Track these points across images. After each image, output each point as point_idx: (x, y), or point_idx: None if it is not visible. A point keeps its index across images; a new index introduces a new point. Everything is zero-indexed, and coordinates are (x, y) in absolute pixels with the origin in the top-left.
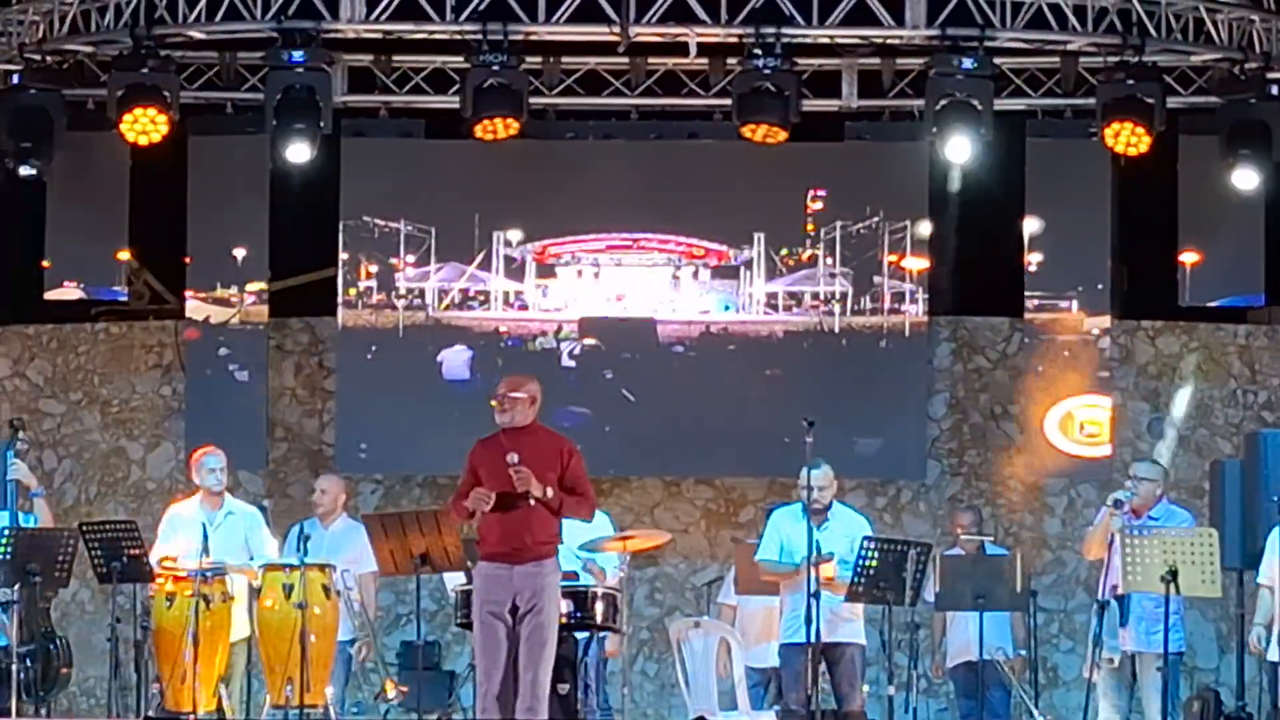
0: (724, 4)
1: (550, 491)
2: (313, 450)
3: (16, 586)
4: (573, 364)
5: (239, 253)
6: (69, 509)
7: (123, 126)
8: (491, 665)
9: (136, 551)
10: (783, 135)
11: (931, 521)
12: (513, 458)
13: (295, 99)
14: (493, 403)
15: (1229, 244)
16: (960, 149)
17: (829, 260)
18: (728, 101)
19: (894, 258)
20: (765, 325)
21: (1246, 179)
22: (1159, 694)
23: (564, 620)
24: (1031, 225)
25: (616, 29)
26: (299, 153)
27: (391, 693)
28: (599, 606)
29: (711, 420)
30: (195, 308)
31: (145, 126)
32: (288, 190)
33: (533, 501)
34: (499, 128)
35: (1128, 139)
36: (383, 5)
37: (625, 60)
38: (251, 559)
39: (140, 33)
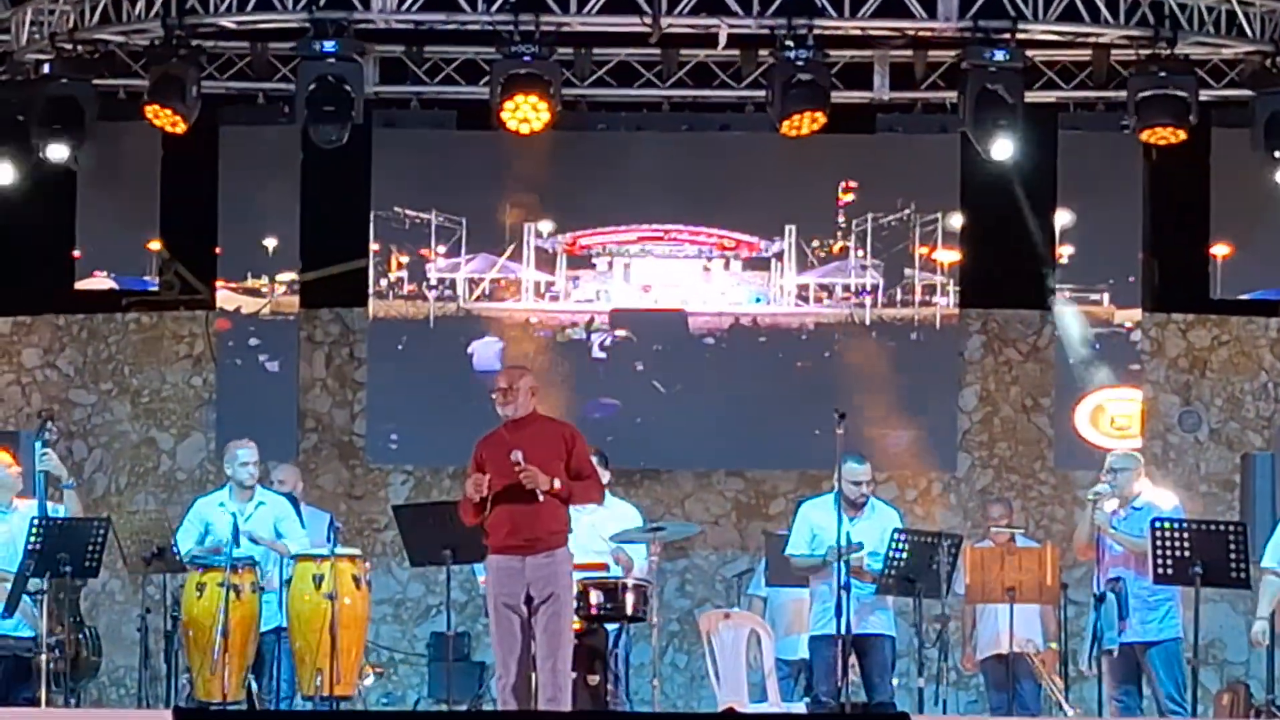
0: None
1: (558, 483)
2: (343, 441)
3: (46, 576)
4: (603, 355)
5: (270, 243)
6: (99, 499)
7: (149, 115)
8: (509, 656)
9: (167, 542)
10: (822, 119)
11: (962, 514)
12: (516, 456)
13: (326, 89)
14: (494, 395)
15: (1261, 237)
16: (1004, 148)
17: (860, 252)
18: (760, 93)
19: (925, 250)
20: (796, 317)
21: None
22: (1162, 682)
23: (594, 612)
24: (1063, 218)
25: (648, 20)
26: (331, 136)
27: (369, 678)
28: (629, 598)
29: (742, 412)
30: (226, 298)
31: (168, 120)
32: (319, 180)
33: (541, 497)
34: (527, 112)
35: (1163, 135)
36: None
37: (657, 51)
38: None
39: (171, 22)
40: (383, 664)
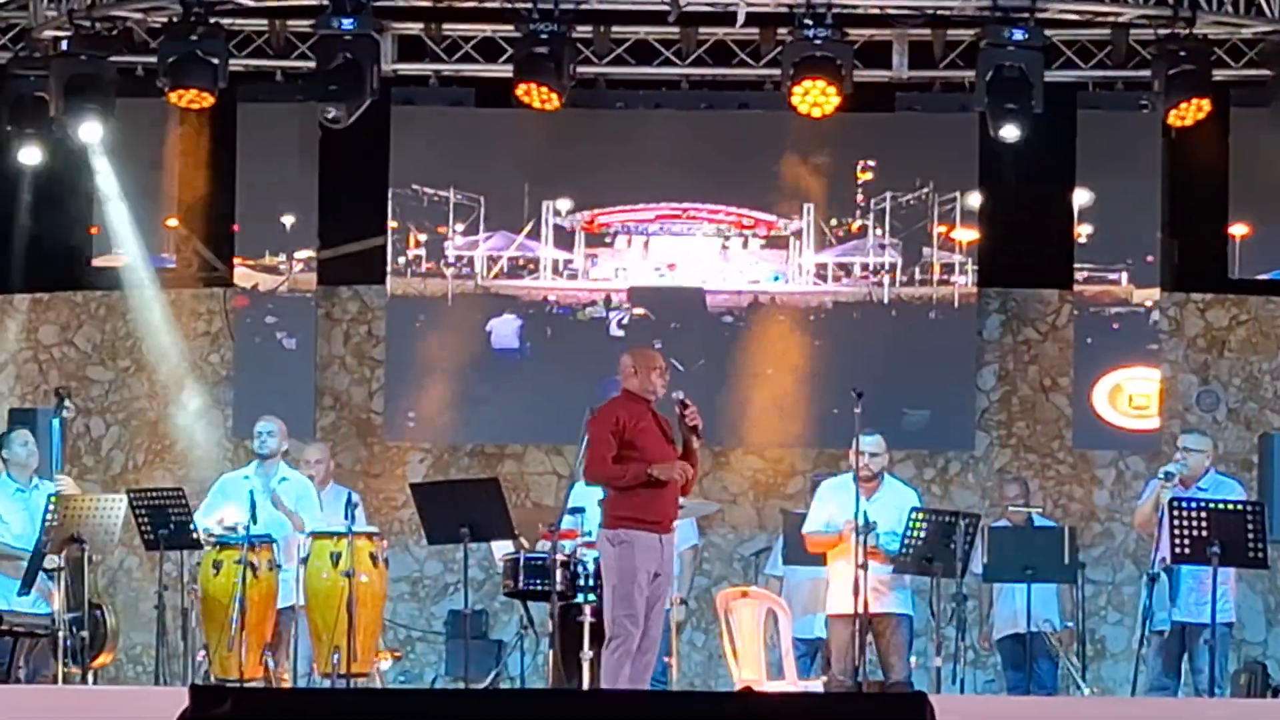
0: None
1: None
2: (361, 419)
3: (63, 553)
4: (621, 333)
5: (287, 220)
6: (116, 476)
7: (171, 97)
8: (635, 625)
9: (184, 519)
10: (835, 95)
11: (980, 493)
12: (681, 395)
13: (345, 66)
14: (662, 369)
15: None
16: (1012, 131)
17: (879, 231)
18: (778, 71)
19: (943, 229)
20: (814, 296)
21: None
22: (1208, 665)
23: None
24: (1081, 197)
25: None
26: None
27: (385, 664)
28: None
29: (760, 391)
30: (243, 275)
31: (193, 99)
32: (337, 158)
33: (696, 443)
34: (536, 97)
35: (1193, 114)
36: None
37: (675, 30)
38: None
39: (190, 0)
40: (399, 648)
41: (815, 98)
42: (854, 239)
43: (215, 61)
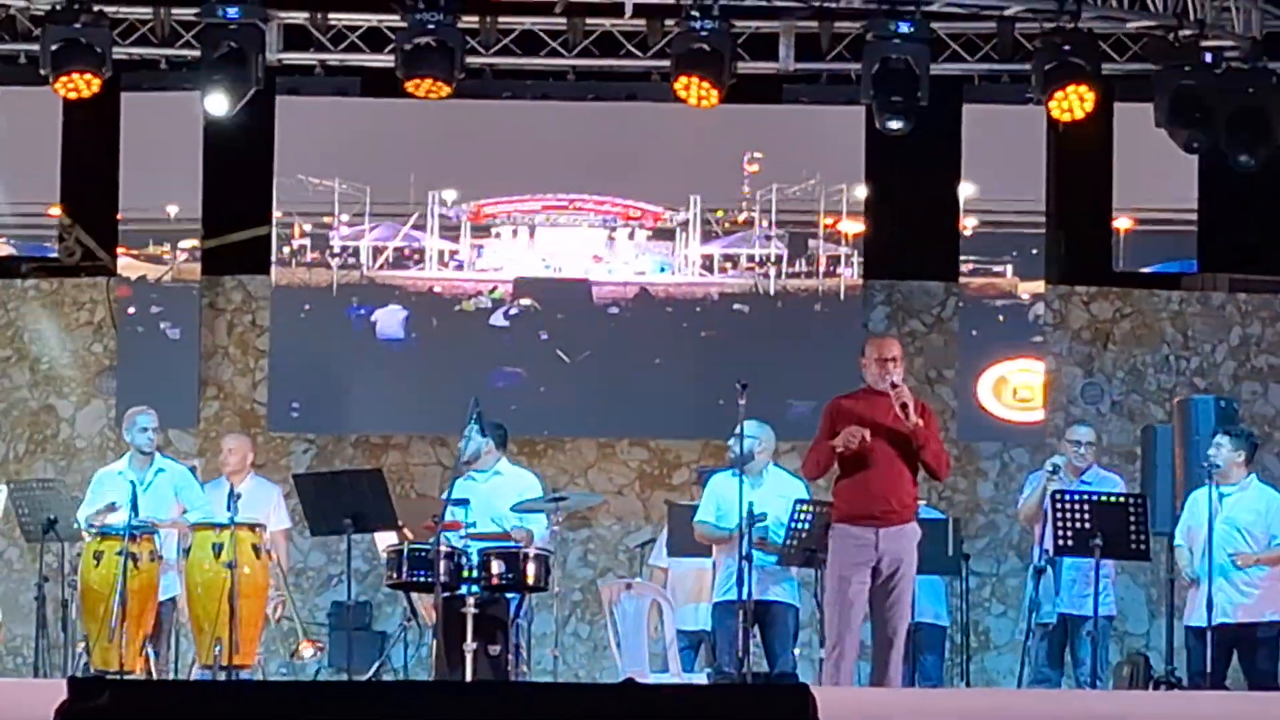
0: None
1: (919, 420)
2: (244, 409)
3: None
4: (507, 324)
5: (172, 210)
6: None
7: (56, 86)
8: (845, 628)
9: (64, 511)
10: (715, 96)
11: None
12: (894, 378)
13: (228, 56)
14: (879, 362)
15: (1163, 210)
16: (897, 124)
17: (765, 223)
18: (665, 63)
19: (830, 221)
20: (700, 287)
21: (1191, 149)
22: (1090, 657)
23: (495, 581)
24: (967, 190)
25: None
26: (218, 105)
27: (308, 652)
28: (530, 567)
29: (646, 382)
30: (127, 265)
31: (78, 85)
32: (221, 147)
33: (911, 421)
34: (425, 88)
35: (1074, 103)
36: None
37: (563, 20)
38: (184, 515)
39: None
40: (319, 637)
41: (696, 91)
42: (740, 230)
43: (99, 50)
